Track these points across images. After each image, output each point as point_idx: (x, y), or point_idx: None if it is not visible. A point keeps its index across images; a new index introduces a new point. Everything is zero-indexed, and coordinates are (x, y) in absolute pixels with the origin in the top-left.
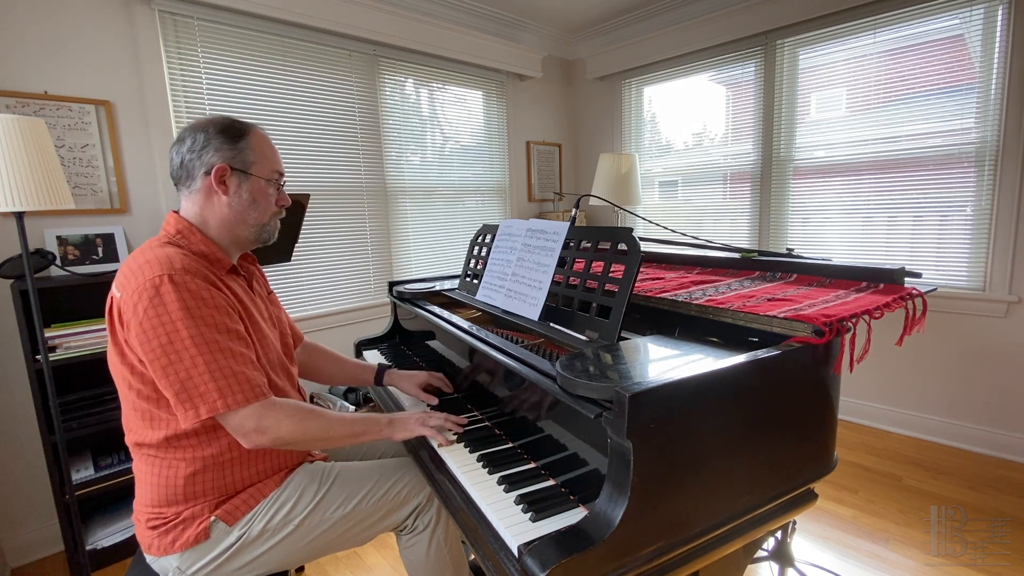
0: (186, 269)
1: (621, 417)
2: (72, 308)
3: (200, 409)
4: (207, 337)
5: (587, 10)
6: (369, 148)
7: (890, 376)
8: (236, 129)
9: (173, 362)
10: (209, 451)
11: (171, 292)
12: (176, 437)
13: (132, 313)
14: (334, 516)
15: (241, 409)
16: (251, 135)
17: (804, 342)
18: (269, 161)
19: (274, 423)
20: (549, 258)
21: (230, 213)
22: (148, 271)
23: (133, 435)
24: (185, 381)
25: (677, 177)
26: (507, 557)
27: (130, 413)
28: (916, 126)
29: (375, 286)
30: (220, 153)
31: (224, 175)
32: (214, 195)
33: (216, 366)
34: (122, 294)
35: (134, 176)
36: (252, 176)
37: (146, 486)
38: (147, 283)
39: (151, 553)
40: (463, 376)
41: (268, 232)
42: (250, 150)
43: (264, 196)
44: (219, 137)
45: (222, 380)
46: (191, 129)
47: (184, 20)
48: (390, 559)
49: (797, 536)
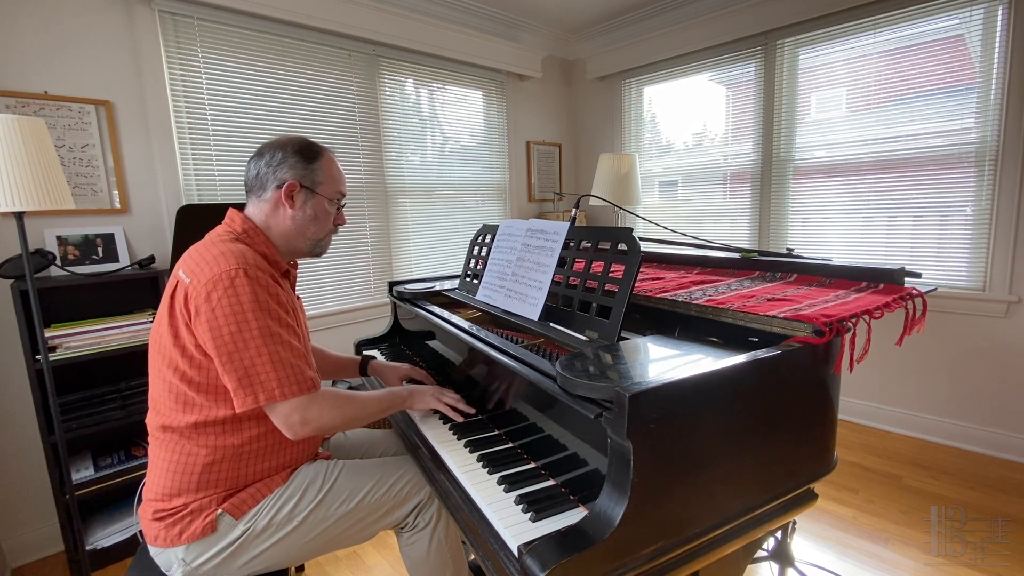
0: (257, 265)
1: (621, 417)
2: (72, 308)
3: (259, 396)
4: (272, 330)
5: (587, 10)
6: (369, 148)
7: (890, 376)
8: (311, 151)
9: (240, 349)
10: (231, 440)
11: (245, 285)
12: (205, 423)
13: (205, 300)
14: (337, 512)
15: (292, 400)
16: (324, 158)
17: (804, 342)
18: (335, 183)
19: (317, 415)
20: (549, 258)
21: (292, 225)
22: (224, 263)
23: (161, 417)
24: (249, 368)
25: (677, 177)
26: (507, 557)
27: (164, 395)
28: (916, 126)
29: (375, 286)
30: (294, 171)
31: (293, 191)
32: (281, 207)
33: (278, 357)
34: (192, 280)
35: (134, 176)
36: (318, 195)
37: (161, 472)
38: (223, 274)
39: (157, 545)
40: (463, 376)
41: (321, 247)
42: (321, 171)
43: (325, 214)
44: (295, 156)
45: (282, 371)
46: (270, 146)
47: (184, 20)
48: (390, 559)
49: (797, 536)
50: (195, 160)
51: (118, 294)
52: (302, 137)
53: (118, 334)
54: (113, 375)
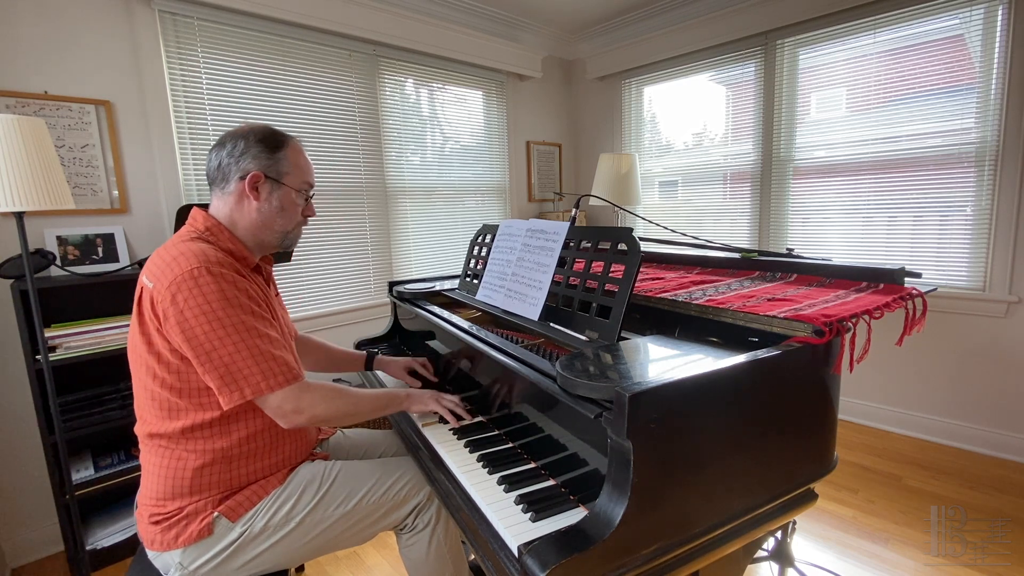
0: (219, 262)
1: (621, 417)
2: (72, 308)
3: (245, 391)
4: (246, 323)
5: (587, 10)
6: (369, 148)
7: (890, 376)
8: (275, 139)
9: (216, 347)
10: (221, 443)
11: (210, 282)
12: (192, 428)
13: (171, 303)
14: (335, 514)
15: (281, 391)
16: (288, 147)
17: (804, 342)
18: (302, 173)
19: (310, 403)
20: (549, 258)
21: (258, 218)
22: (184, 263)
23: (147, 426)
24: (229, 365)
25: (677, 177)
26: (507, 557)
27: (147, 403)
28: (916, 126)
29: (375, 286)
30: (257, 161)
31: (257, 182)
32: (245, 199)
33: (257, 350)
34: (155, 284)
35: (134, 176)
36: (284, 186)
37: (153, 478)
38: (185, 274)
39: (153, 549)
40: (463, 376)
41: (291, 239)
42: (286, 161)
43: (292, 206)
44: (258, 145)
45: (263, 363)
46: (232, 135)
47: (184, 20)
48: (390, 559)
49: (797, 536)
50: (195, 160)
51: (118, 294)
52: (266, 125)
53: (118, 334)
54: (113, 375)
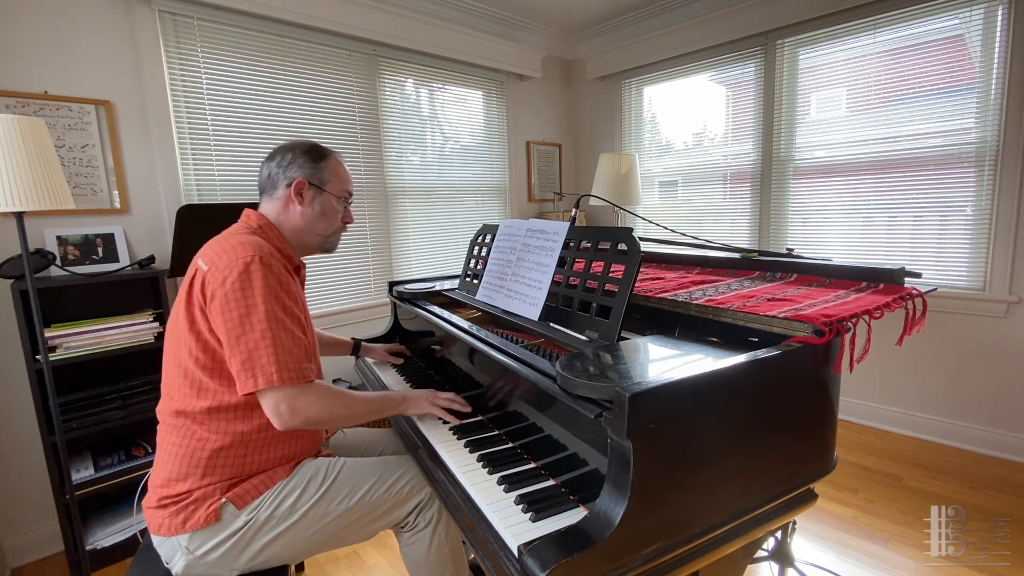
0: (272, 254)
1: (621, 417)
2: (72, 308)
3: (259, 380)
4: (279, 317)
5: (587, 10)
6: (369, 148)
7: (890, 376)
8: (319, 152)
9: (246, 332)
10: (241, 427)
11: (259, 271)
12: (217, 409)
13: (219, 285)
14: (338, 509)
15: (285, 388)
16: (330, 158)
17: (804, 342)
18: (342, 182)
19: (306, 405)
20: (549, 258)
21: (302, 221)
22: (242, 251)
23: (174, 403)
24: (252, 351)
25: (677, 177)
26: (507, 557)
27: (178, 380)
28: (916, 126)
29: (375, 286)
30: (302, 170)
31: (302, 188)
32: (291, 204)
33: (280, 342)
34: (210, 268)
35: (134, 176)
36: (326, 192)
37: (169, 456)
38: (239, 260)
39: (160, 533)
40: (463, 377)
41: (331, 243)
42: (328, 170)
43: (333, 211)
44: (303, 156)
45: (282, 357)
46: (280, 149)
47: (184, 20)
48: (390, 559)
49: (797, 536)
50: (195, 160)
51: (118, 294)
52: (311, 141)
53: (118, 334)
54: (113, 375)
